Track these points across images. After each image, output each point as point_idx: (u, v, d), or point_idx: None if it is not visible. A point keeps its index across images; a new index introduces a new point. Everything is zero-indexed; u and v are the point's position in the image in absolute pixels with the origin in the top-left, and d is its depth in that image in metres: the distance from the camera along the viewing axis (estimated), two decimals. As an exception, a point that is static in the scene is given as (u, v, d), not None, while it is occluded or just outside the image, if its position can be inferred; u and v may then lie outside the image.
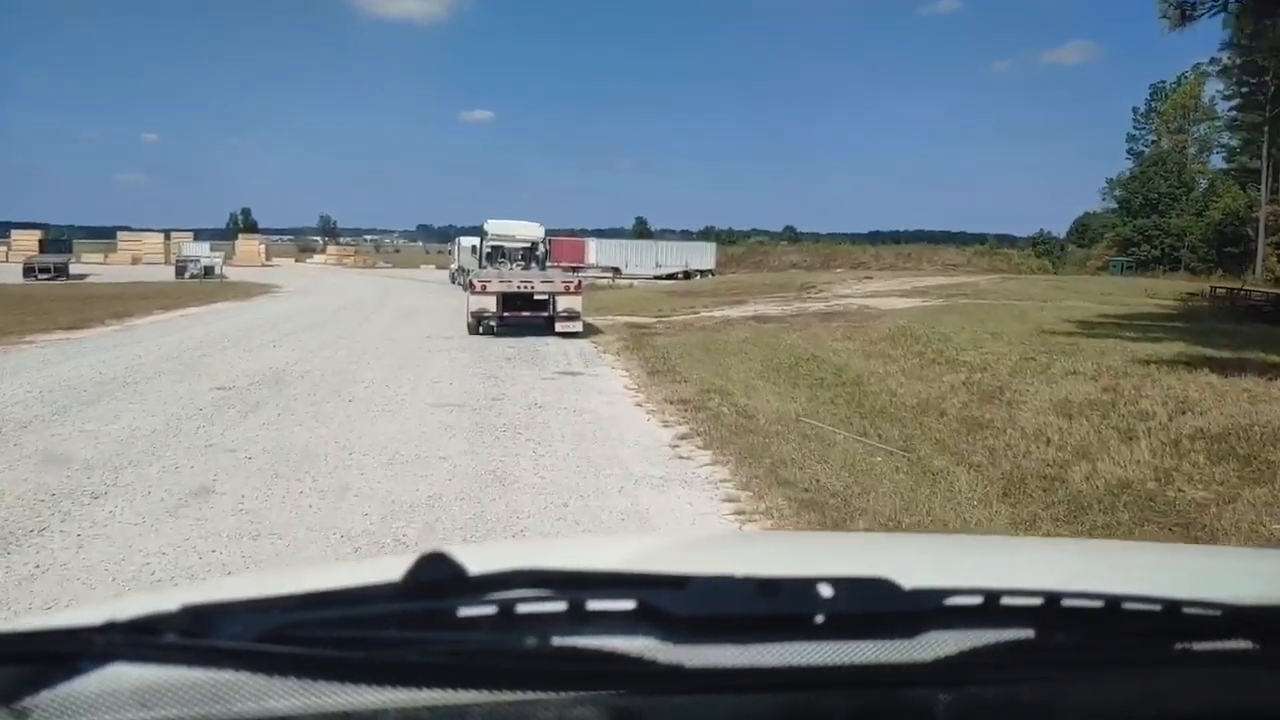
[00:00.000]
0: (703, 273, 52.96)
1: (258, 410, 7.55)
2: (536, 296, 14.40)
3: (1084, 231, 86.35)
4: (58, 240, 47.41)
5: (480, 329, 14.34)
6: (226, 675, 0.61)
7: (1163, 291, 29.60)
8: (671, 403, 8.43)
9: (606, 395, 9.00)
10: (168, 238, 58.50)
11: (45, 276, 35.59)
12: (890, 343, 12.79)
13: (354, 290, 30.85)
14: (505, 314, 14.28)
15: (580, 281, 14.69)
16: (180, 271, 38.59)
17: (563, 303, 14.31)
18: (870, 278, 33.02)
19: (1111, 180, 70.55)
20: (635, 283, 42.86)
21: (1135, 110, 72.30)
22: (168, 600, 0.64)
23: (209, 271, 38.88)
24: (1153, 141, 69.57)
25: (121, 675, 0.62)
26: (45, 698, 0.61)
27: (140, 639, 0.61)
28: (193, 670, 0.61)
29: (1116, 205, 66.09)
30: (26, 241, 46.78)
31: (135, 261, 54.12)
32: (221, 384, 8.87)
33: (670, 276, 50.75)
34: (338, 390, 8.63)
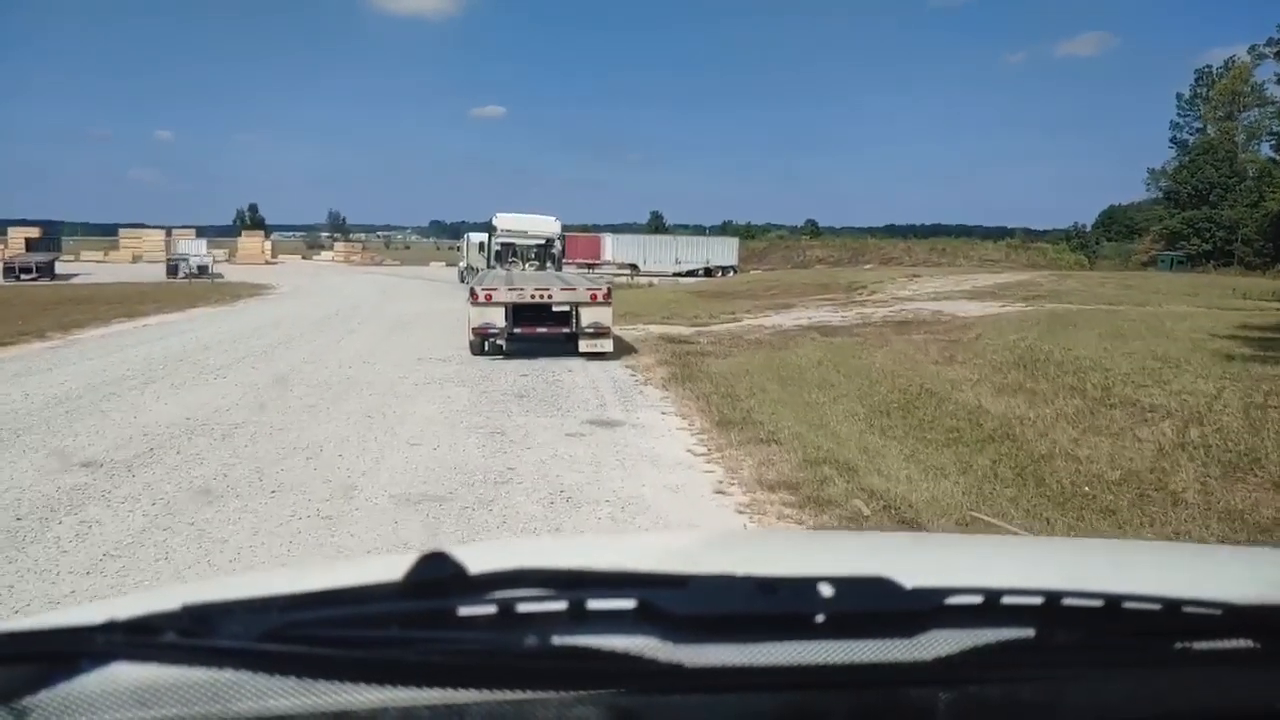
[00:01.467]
0: (724, 269, 50.46)
1: (114, 518, 4.64)
2: (555, 308, 11.44)
3: (1111, 224, 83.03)
4: (47, 238, 45.75)
5: (485, 347, 11.43)
6: (226, 675, 0.61)
7: (1254, 291, 26.29)
8: (770, 486, 5.48)
9: (666, 469, 6.05)
10: (169, 234, 57.59)
11: (28, 277, 33.81)
12: (1021, 370, 9.77)
13: (352, 292, 28.08)
14: (516, 329, 11.34)
15: (609, 289, 11.72)
16: (172, 271, 36.37)
17: (588, 315, 11.35)
18: (917, 275, 29.85)
19: (1154, 170, 66.89)
20: (655, 280, 40.26)
21: (1179, 96, 68.48)
22: (168, 599, 0.63)
23: (202, 271, 36.41)
24: (1198, 129, 65.83)
25: (121, 674, 0.61)
26: (45, 697, 0.60)
27: (140, 638, 0.60)
28: (193, 670, 0.60)
29: (1162, 196, 62.50)
30: (21, 239, 45.11)
31: (136, 259, 52.97)
32: (96, 455, 5.97)
33: (690, 273, 48.45)
34: (263, 468, 5.71)
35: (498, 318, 11.16)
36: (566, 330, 11.42)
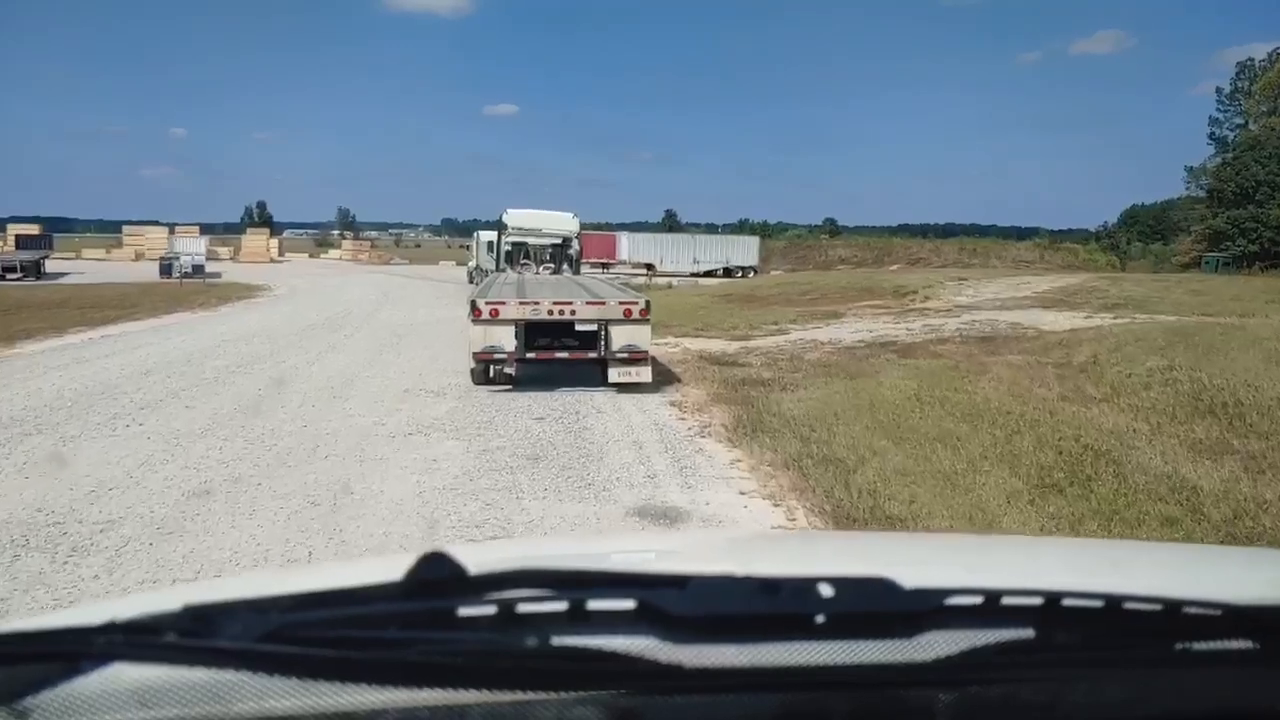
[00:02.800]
0: (744, 270, 48.38)
1: None
2: (579, 326, 8.99)
3: (1134, 224, 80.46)
4: (40, 236, 44.38)
5: (491, 374, 9.04)
6: (227, 675, 0.60)
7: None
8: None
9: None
10: (172, 232, 57.11)
11: (13, 276, 32.17)
12: (1209, 417, 7.29)
13: (350, 295, 25.79)
14: (530, 354, 8.93)
15: (647, 303, 9.29)
16: (165, 270, 34.40)
17: (621, 336, 8.92)
18: (964, 279, 27.20)
19: (1193, 168, 63.89)
20: (674, 281, 37.97)
21: (1219, 91, 65.70)
22: (168, 600, 0.63)
23: (197, 270, 34.33)
24: (1239, 125, 62.94)
25: (122, 675, 0.61)
26: (46, 697, 0.60)
27: (141, 639, 0.60)
28: (193, 670, 0.60)
29: (1204, 194, 59.44)
30: (13, 236, 44.06)
31: (139, 258, 52.08)
32: None
33: (709, 274, 46.48)
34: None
35: (506, 339, 8.73)
36: (593, 354, 8.99)
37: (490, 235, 21.53)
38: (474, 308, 8.78)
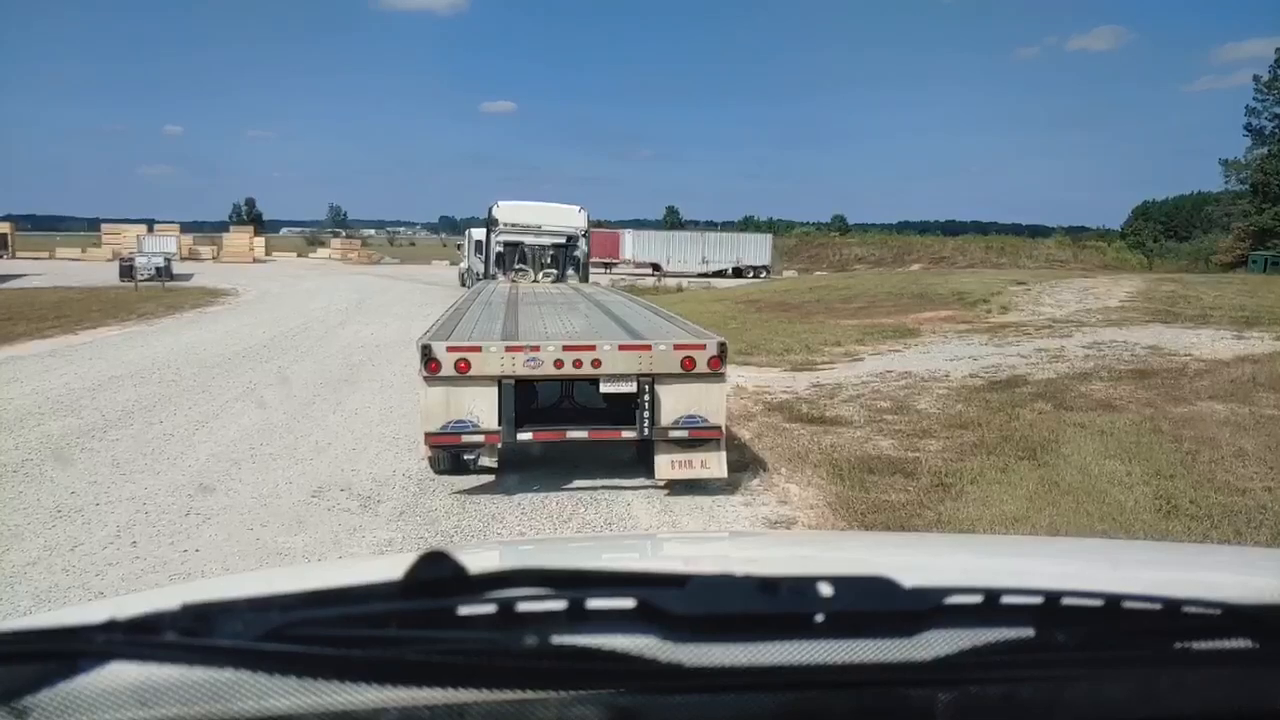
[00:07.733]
0: (756, 270, 45.29)
1: None
2: (605, 385, 5.42)
3: (1147, 220, 77.82)
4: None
5: (462, 461, 5.54)
6: (227, 674, 0.60)
7: None
8: None
9: None
10: (150, 230, 54.49)
11: None
12: None
13: (321, 303, 22.37)
14: (525, 433, 5.37)
15: (722, 345, 5.50)
16: (125, 272, 31.10)
17: (677, 400, 5.33)
18: (1024, 283, 23.70)
19: (1229, 161, 60.22)
20: (685, 283, 34.55)
21: (1256, 79, 61.87)
22: (168, 599, 0.63)
23: (160, 272, 30.96)
24: (1278, 115, 59.28)
25: (122, 674, 0.60)
26: (45, 696, 0.60)
27: (140, 638, 0.59)
28: (193, 669, 0.59)
29: (1248, 189, 55.84)
30: None
31: (115, 257, 49.29)
32: None
33: (718, 274, 43.41)
34: None
35: (483, 410, 5.16)
36: (629, 433, 5.44)
37: (482, 234, 17.98)
38: (427, 357, 5.16)
